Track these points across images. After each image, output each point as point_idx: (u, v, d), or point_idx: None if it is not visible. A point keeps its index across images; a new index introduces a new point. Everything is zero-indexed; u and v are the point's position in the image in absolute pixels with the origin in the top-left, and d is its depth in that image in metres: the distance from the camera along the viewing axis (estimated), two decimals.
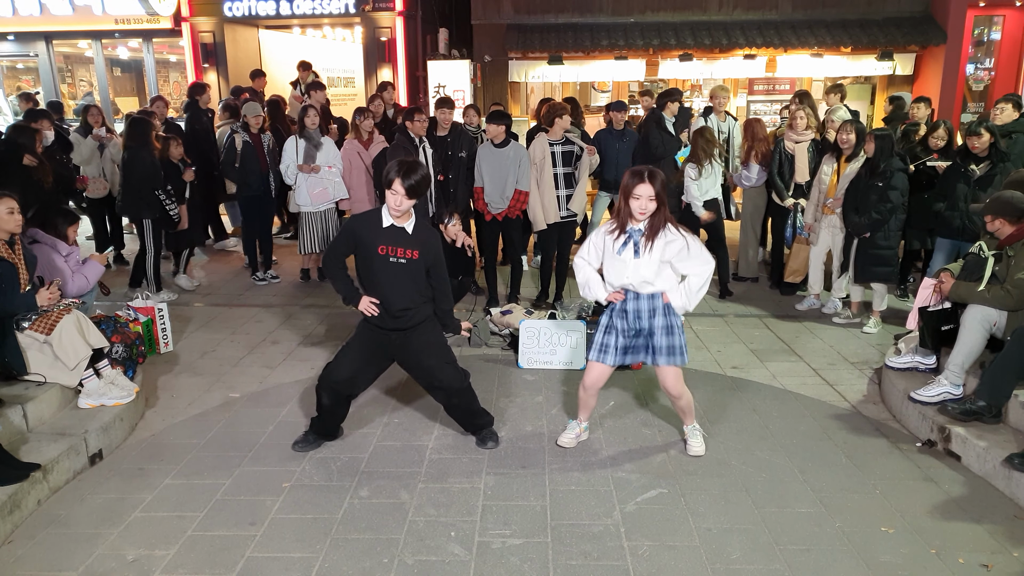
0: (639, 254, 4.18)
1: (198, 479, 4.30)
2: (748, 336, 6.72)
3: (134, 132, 7.42)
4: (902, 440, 4.78)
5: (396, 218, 4.29)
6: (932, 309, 5.21)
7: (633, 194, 4.13)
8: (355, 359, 4.49)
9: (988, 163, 6.32)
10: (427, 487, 4.20)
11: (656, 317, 4.28)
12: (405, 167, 4.16)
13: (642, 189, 4.11)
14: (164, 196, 7.48)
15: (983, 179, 6.30)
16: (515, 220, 7.16)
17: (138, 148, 7.37)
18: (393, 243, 4.29)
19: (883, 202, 6.36)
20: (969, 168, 6.39)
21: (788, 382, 5.70)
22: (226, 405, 5.33)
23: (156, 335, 6.28)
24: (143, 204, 7.39)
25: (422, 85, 13.99)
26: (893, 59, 12.76)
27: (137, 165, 7.33)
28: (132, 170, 7.35)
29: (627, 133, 8.30)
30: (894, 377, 5.29)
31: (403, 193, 4.15)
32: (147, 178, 7.35)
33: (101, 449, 4.54)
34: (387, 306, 4.35)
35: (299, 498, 4.10)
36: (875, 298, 6.84)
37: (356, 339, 4.56)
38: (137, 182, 7.34)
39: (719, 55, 13.10)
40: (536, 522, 3.87)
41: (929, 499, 4.09)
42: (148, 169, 7.35)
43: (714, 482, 4.26)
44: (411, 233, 4.32)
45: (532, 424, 4.99)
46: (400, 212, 4.24)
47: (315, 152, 8.00)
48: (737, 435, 4.84)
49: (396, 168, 4.16)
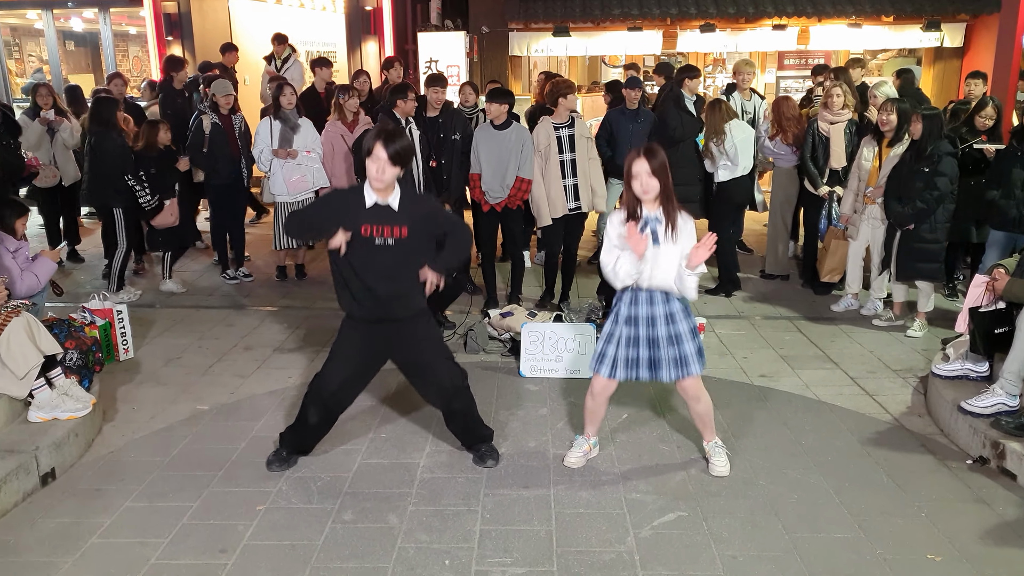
0: (658, 241, 4.18)
1: (162, 501, 4.30)
2: (778, 340, 6.72)
3: (99, 113, 7.44)
4: (950, 457, 4.78)
5: (379, 192, 4.21)
6: (984, 310, 5.21)
7: (632, 173, 4.16)
8: (344, 366, 4.48)
9: None
10: (418, 510, 4.21)
11: (666, 324, 4.29)
12: (385, 132, 4.14)
13: (639, 166, 4.13)
14: (135, 182, 7.50)
15: None
16: (515, 211, 7.17)
17: (105, 131, 7.41)
18: (378, 222, 4.21)
19: (930, 189, 6.36)
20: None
21: (823, 392, 5.71)
22: (193, 419, 5.33)
23: (115, 340, 6.29)
24: (111, 191, 7.43)
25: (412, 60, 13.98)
26: (940, 29, 12.75)
27: (106, 148, 7.36)
28: (100, 155, 7.38)
29: (642, 113, 8.29)
30: (941, 386, 5.29)
31: (385, 159, 4.08)
32: (116, 163, 7.38)
33: (54, 468, 4.55)
34: (375, 295, 4.29)
35: (275, 522, 4.10)
36: (920, 298, 6.85)
37: (341, 342, 4.54)
38: (106, 168, 7.37)
39: (745, 25, 13.10)
40: (540, 549, 3.87)
41: (981, 523, 4.09)
42: (117, 152, 7.39)
43: (740, 504, 4.27)
44: (397, 209, 4.25)
45: (535, 439, 4.99)
46: (383, 184, 4.17)
47: (292, 135, 8.00)
48: (765, 452, 4.84)
49: (375, 134, 4.15)
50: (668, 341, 4.29)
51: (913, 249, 6.59)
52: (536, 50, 13.53)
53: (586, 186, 7.17)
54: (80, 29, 15.84)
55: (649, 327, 4.30)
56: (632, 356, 4.35)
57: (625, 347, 4.34)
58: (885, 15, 12.67)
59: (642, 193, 4.16)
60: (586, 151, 7.16)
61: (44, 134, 8.88)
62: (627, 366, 4.37)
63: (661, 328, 4.29)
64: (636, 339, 4.32)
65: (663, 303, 4.28)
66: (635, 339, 4.32)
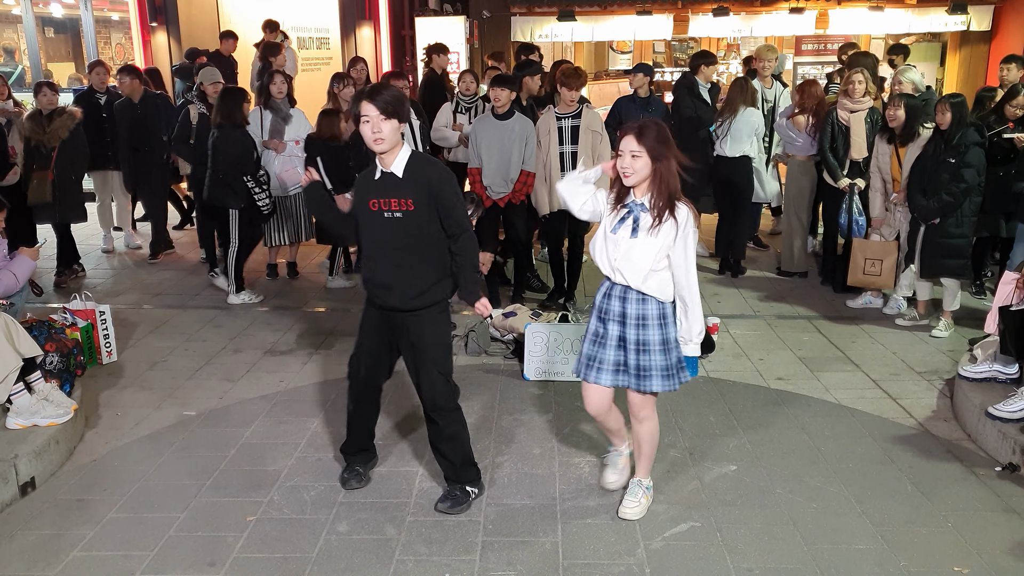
0: (637, 233, 3.90)
1: (147, 512, 4.31)
2: (796, 341, 6.72)
3: (225, 107, 7.41)
4: (978, 464, 4.78)
5: (383, 157, 4.03)
6: (1015, 309, 5.20)
7: (618, 149, 3.88)
8: (367, 337, 4.35)
9: None
10: (417, 520, 4.21)
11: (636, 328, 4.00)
12: (368, 89, 4.04)
13: (625, 143, 3.83)
14: (253, 183, 7.53)
15: None
16: (519, 205, 7.17)
17: (229, 127, 7.39)
18: (384, 194, 4.05)
19: (956, 181, 6.34)
20: None
21: (843, 395, 5.70)
22: (180, 425, 5.34)
23: (97, 343, 6.29)
24: (229, 192, 7.49)
25: (409, 46, 13.97)
26: (967, 12, 12.73)
27: (227, 147, 7.39)
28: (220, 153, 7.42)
29: (653, 101, 8.30)
30: (969, 389, 5.29)
31: (377, 114, 3.90)
32: (235, 162, 7.41)
33: (33, 477, 4.55)
34: (384, 277, 4.14)
35: (266, 534, 4.11)
36: (945, 296, 6.83)
37: (363, 316, 4.39)
38: (225, 167, 7.40)
39: (760, 9, 13.09)
40: (546, 562, 3.87)
41: (1011, 534, 4.09)
42: (238, 151, 7.40)
43: (756, 514, 4.27)
44: (402, 176, 4.04)
45: (540, 446, 4.99)
46: (385, 144, 3.96)
47: (283, 126, 8.02)
48: (783, 458, 4.84)
49: (356, 95, 4.10)
50: (634, 346, 4.01)
51: (938, 244, 6.58)
52: (540, 36, 13.52)
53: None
54: (60, 15, 15.82)
55: (620, 326, 4.04)
56: (598, 355, 4.12)
57: (591, 344, 4.15)
58: None
59: (623, 174, 3.87)
60: (591, 145, 6.95)
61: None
62: (589, 366, 4.15)
63: (630, 330, 4.00)
64: (604, 336, 4.09)
65: (639, 301, 3.97)
66: (603, 336, 4.10)
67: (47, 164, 7.92)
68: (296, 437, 5.12)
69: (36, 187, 7.88)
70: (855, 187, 7.45)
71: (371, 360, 4.38)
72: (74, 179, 8.20)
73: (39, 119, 7.94)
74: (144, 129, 8.82)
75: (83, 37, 14.85)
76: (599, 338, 4.12)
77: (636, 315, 3.98)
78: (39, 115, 7.96)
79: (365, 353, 4.37)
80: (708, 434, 5.03)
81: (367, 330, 4.37)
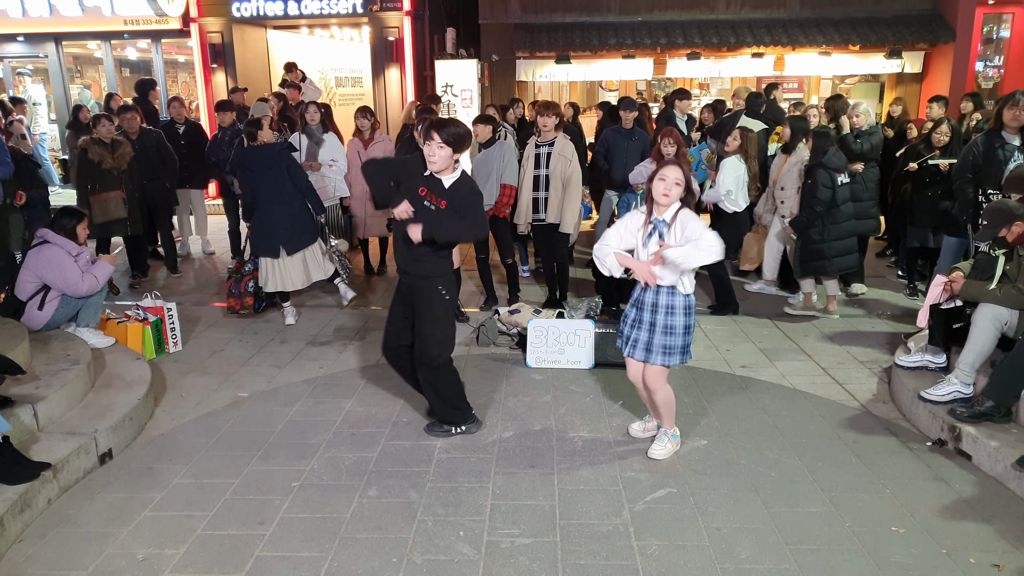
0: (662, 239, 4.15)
1: (207, 478, 4.31)
2: (757, 335, 6.69)
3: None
4: (912, 439, 4.75)
5: (433, 166, 4.40)
6: (943, 307, 5.18)
7: (659, 175, 4.10)
8: (394, 308, 4.74)
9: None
10: (436, 486, 4.20)
11: (661, 314, 4.22)
12: (439, 121, 4.41)
13: (669, 171, 4.09)
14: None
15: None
16: (503, 220, 7.07)
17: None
18: (431, 188, 4.44)
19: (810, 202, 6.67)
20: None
21: (797, 381, 5.68)
22: (235, 404, 5.33)
23: (165, 334, 6.29)
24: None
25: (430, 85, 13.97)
26: (902, 57, 12.69)
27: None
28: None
29: (636, 132, 8.25)
30: (904, 376, 5.26)
31: (438, 142, 4.30)
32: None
33: (111, 448, 4.55)
34: (409, 247, 4.46)
35: (308, 497, 4.10)
36: (828, 287, 7.12)
37: (392, 300, 4.78)
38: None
39: (727, 53, 13.06)
40: (545, 521, 3.86)
41: (940, 499, 4.07)
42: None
43: (723, 481, 4.25)
44: (447, 187, 4.44)
45: (540, 423, 4.98)
46: (436, 164, 4.37)
47: (317, 149, 8.04)
48: (746, 434, 4.82)
49: (431, 122, 4.40)
50: (662, 329, 4.22)
51: (805, 249, 6.85)
52: (541, 76, 13.52)
53: (555, 201, 6.90)
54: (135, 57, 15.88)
55: (652, 313, 4.25)
56: (632, 336, 4.35)
57: (630, 328, 4.37)
58: (852, 44, 12.62)
59: (661, 196, 4.09)
60: (560, 170, 6.83)
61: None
62: (628, 344, 4.39)
63: (660, 316, 4.22)
64: (639, 322, 4.31)
65: (669, 292, 4.20)
66: (639, 321, 4.31)
67: (118, 185, 7.79)
68: (333, 415, 5.11)
69: (111, 205, 7.77)
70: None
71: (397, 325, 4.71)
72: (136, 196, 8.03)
73: (104, 146, 7.74)
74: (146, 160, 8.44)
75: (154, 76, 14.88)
76: (637, 323, 4.34)
77: (667, 304, 4.21)
78: (101, 142, 7.73)
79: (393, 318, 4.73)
80: (682, 414, 5.01)
81: (395, 301, 4.74)
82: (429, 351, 4.58)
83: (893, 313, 7.09)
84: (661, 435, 4.57)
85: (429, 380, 4.68)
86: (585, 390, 5.50)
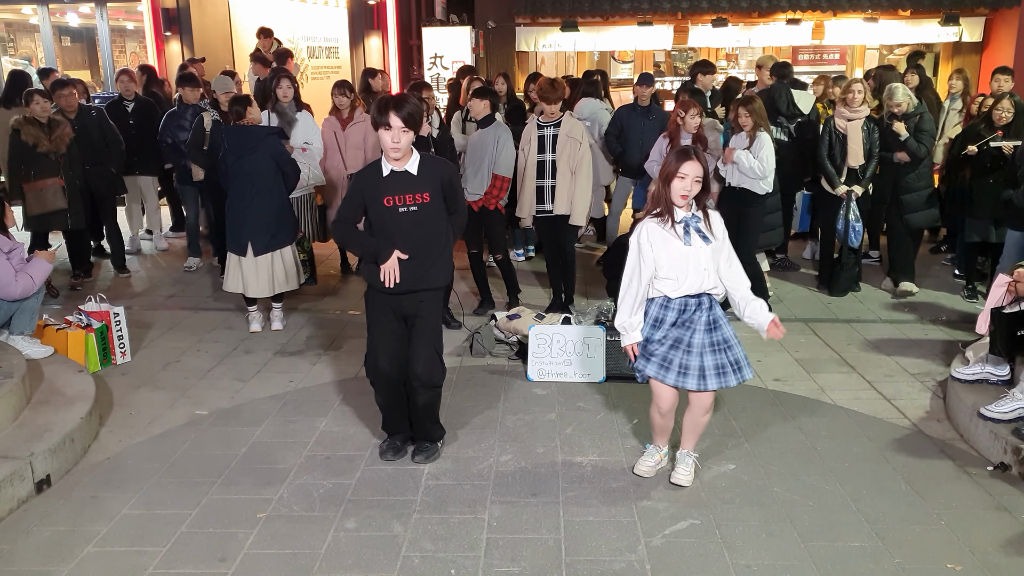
0: (708, 240, 4.19)
1: (160, 508, 4.31)
2: (792, 343, 6.70)
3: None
4: (971, 463, 4.76)
5: (396, 161, 4.36)
6: (1006, 311, 5.19)
7: (679, 173, 4.12)
8: (382, 331, 4.61)
9: None
10: (423, 518, 4.20)
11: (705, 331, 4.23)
12: (393, 99, 4.31)
13: (689, 167, 4.10)
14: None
15: None
16: (495, 212, 7.03)
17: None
18: (399, 191, 4.37)
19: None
20: None
21: (839, 396, 5.69)
22: (192, 423, 5.34)
23: (111, 343, 6.29)
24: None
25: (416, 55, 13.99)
26: (959, 23, 12.72)
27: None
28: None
29: (653, 110, 8.26)
30: (961, 391, 5.27)
31: (400, 125, 4.22)
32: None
33: (49, 474, 4.55)
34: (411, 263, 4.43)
35: (276, 530, 4.10)
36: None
37: (372, 311, 4.64)
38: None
39: (758, 20, 13.09)
40: (548, 558, 3.86)
41: (1002, 532, 4.07)
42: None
43: (754, 512, 4.26)
44: (416, 174, 4.39)
45: (544, 445, 4.98)
46: (400, 151, 4.30)
47: (289, 130, 8.00)
48: (780, 458, 4.83)
49: (381, 103, 4.28)
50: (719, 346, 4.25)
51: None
52: (544, 45, 13.53)
53: (564, 190, 6.82)
54: (76, 24, 15.88)
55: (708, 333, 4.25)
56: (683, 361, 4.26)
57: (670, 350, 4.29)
58: (902, 9, 12.64)
59: (679, 196, 4.14)
60: (569, 154, 6.77)
61: None
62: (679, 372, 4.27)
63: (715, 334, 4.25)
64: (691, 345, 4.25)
65: (708, 306, 4.25)
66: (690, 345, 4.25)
67: (56, 171, 7.72)
68: (305, 436, 5.12)
69: (48, 194, 7.71)
70: (852, 194, 7.44)
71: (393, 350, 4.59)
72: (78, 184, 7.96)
73: (40, 126, 7.67)
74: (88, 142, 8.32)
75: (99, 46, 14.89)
76: (687, 347, 4.25)
77: (713, 320, 4.26)
78: (36, 122, 7.66)
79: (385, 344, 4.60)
80: (707, 433, 5.01)
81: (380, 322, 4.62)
82: (436, 369, 4.63)
83: (949, 318, 7.10)
84: (684, 457, 4.57)
85: (429, 402, 4.70)
86: (595, 407, 5.51)
